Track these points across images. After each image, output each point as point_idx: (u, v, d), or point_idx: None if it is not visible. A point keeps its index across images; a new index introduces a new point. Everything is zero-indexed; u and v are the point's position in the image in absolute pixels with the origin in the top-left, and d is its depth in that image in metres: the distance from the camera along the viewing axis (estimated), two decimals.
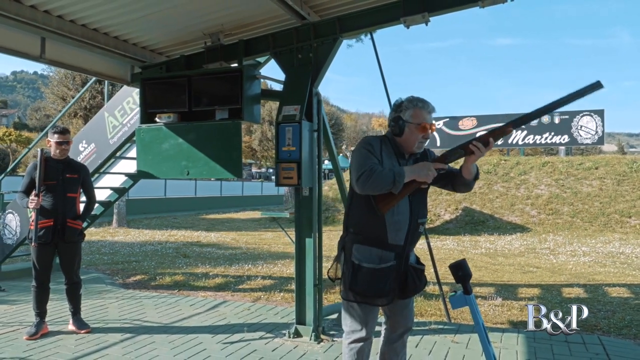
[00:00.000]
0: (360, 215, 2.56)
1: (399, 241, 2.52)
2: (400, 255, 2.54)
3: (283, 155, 3.97)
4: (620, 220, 15.20)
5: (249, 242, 12.33)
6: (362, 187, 2.40)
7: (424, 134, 2.52)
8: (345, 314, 2.67)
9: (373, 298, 2.54)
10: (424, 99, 2.56)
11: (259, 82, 4.31)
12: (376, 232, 2.50)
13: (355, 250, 2.54)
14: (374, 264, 2.49)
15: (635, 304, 6.01)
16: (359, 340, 2.61)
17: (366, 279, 2.49)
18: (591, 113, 20.23)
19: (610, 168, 17.43)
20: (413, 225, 2.54)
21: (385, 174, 2.36)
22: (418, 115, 2.51)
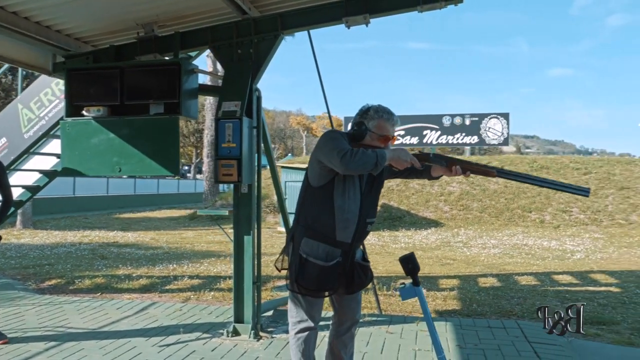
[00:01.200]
0: (312, 210, 2.59)
1: (346, 239, 2.57)
2: (347, 253, 2.60)
3: (223, 151, 3.90)
4: (522, 215, 16.46)
5: (170, 241, 11.94)
6: (347, 166, 2.35)
7: (384, 145, 2.58)
8: (291, 305, 2.71)
9: (317, 292, 2.60)
10: (391, 110, 2.61)
11: (196, 77, 4.20)
12: (326, 228, 2.55)
13: (304, 244, 2.57)
14: (320, 260, 2.54)
15: (542, 290, 6.57)
16: (305, 329, 2.66)
17: (312, 274, 2.54)
18: (498, 116, 21.72)
19: (514, 167, 18.79)
20: (361, 224, 2.60)
21: (369, 155, 2.37)
22: (382, 127, 2.56)
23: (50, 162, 6.00)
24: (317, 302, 2.67)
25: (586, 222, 15.85)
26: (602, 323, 4.96)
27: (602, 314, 5.28)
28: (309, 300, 2.64)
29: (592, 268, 8.52)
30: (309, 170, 2.63)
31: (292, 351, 2.73)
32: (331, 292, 2.64)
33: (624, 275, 7.81)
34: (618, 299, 6.05)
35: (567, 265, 8.81)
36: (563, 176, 18.13)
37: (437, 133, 21.97)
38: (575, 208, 16.53)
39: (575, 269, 8.35)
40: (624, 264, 9.04)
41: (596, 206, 16.50)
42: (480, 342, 4.19)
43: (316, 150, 2.55)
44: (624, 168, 18.48)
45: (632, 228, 15.04)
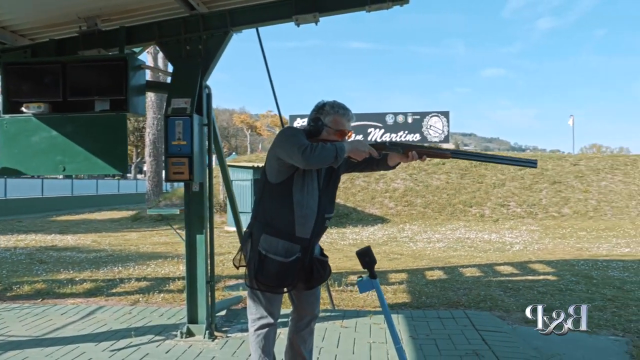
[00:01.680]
0: (270, 206, 2.60)
1: (305, 234, 2.59)
2: (306, 248, 2.62)
3: (173, 149, 3.82)
4: (463, 210, 17.09)
5: (112, 243, 11.53)
6: (308, 160, 2.37)
7: (341, 139, 2.62)
8: (250, 302, 2.71)
9: (277, 288, 2.61)
10: (346, 106, 2.67)
11: (143, 73, 4.08)
12: (285, 224, 2.56)
13: (263, 240, 2.57)
14: (280, 256, 2.55)
15: (485, 281, 6.85)
16: (265, 326, 2.67)
17: (271, 270, 2.55)
18: (439, 114, 22.44)
19: (455, 163, 19.47)
20: (320, 219, 2.63)
21: (329, 149, 2.40)
22: (338, 122, 2.61)
23: None
24: (276, 298, 2.68)
25: (523, 215, 16.65)
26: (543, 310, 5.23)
27: (542, 301, 5.57)
28: (268, 297, 2.65)
29: (530, 258, 8.96)
30: (267, 167, 2.63)
31: (252, 348, 2.73)
32: (290, 288, 2.66)
33: (560, 264, 8.26)
34: (555, 286, 6.40)
35: (507, 257, 9.22)
36: (501, 172, 18.96)
37: (380, 131, 22.43)
38: (513, 202, 17.33)
39: (515, 260, 8.75)
40: (559, 254, 9.58)
41: (531, 200, 17.36)
42: (431, 333, 4.33)
43: (274, 147, 2.55)
44: (556, 163, 19.55)
45: (564, 220, 15.95)
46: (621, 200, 17.32)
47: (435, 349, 3.92)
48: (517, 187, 18.15)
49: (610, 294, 5.92)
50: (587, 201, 17.28)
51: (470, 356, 3.73)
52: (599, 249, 10.33)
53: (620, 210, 16.78)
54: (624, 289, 6.18)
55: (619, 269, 7.73)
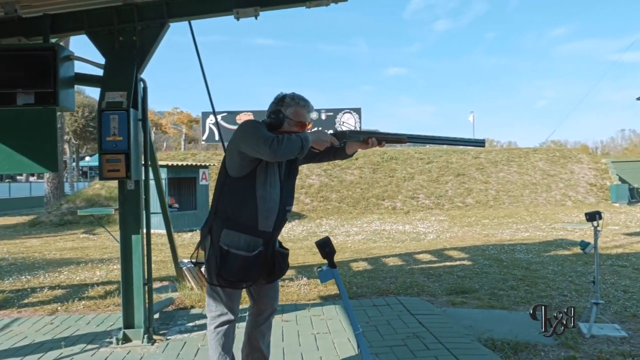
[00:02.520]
0: (232, 201, 2.56)
1: (268, 228, 2.59)
2: (268, 242, 2.62)
3: (107, 145, 3.62)
4: (376, 203, 17.72)
5: (12, 251, 10.59)
6: (275, 153, 2.37)
7: (301, 131, 2.64)
8: (209, 300, 2.68)
9: (240, 283, 2.59)
10: (304, 97, 2.69)
11: (72, 64, 3.81)
12: (247, 218, 2.54)
13: (224, 236, 2.54)
14: (242, 251, 2.53)
15: (408, 269, 7.19)
16: (225, 323, 2.65)
17: (235, 265, 2.52)
18: (351, 111, 23.02)
19: (367, 159, 20.12)
20: (282, 212, 2.65)
21: (294, 140, 2.42)
22: (299, 114, 2.63)
23: None
24: (236, 293, 2.66)
25: (431, 206, 17.60)
26: (465, 292, 5.60)
27: (463, 285, 5.96)
28: (228, 293, 2.62)
29: (445, 246, 9.53)
30: (228, 162, 2.59)
31: (211, 346, 2.68)
32: (252, 282, 2.65)
33: (472, 250, 8.87)
34: (472, 270, 6.88)
35: (423, 245, 9.73)
36: (410, 165, 19.88)
37: None
38: (422, 194, 18.26)
39: (432, 248, 9.26)
40: (469, 241, 10.27)
41: (438, 192, 18.40)
42: (370, 320, 4.49)
43: (236, 141, 2.52)
44: (459, 157, 20.86)
45: (469, 209, 17.09)
46: (517, 190, 18.89)
47: (377, 334, 4.07)
48: (425, 180, 19.15)
49: (520, 274, 6.48)
50: (487, 191, 18.65)
51: (411, 339, 3.92)
52: (503, 235, 11.21)
53: (516, 198, 18.31)
54: (530, 269, 6.80)
55: (523, 251, 8.48)
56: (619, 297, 5.12)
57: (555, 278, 6.17)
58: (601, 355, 3.48)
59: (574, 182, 19.77)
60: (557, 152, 22.84)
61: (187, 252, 9.63)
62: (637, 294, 5.27)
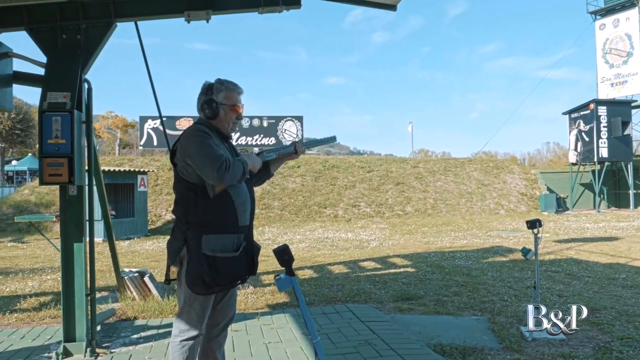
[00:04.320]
0: (206, 206, 2.48)
1: (245, 222, 2.59)
2: (248, 236, 2.62)
3: (49, 148, 3.42)
4: (318, 211, 17.80)
5: None
6: (222, 179, 2.37)
7: (237, 115, 2.62)
8: (182, 312, 2.58)
9: (232, 284, 2.57)
10: (232, 81, 2.63)
11: (10, 62, 3.58)
12: (227, 217, 2.50)
13: (206, 242, 2.44)
14: (229, 252, 2.48)
15: (354, 277, 7.25)
16: (193, 338, 2.58)
17: (224, 267, 2.46)
18: (293, 118, 23.06)
19: (309, 167, 20.21)
20: (252, 203, 2.67)
21: (238, 166, 2.43)
22: (231, 97, 2.58)
23: None
24: (210, 305, 2.59)
25: (372, 214, 17.89)
26: (411, 299, 5.72)
27: (408, 291, 6.08)
28: (204, 306, 2.55)
29: (388, 253, 9.70)
30: (186, 174, 2.49)
31: (174, 359, 2.58)
32: (243, 281, 2.65)
33: (415, 257, 9.09)
34: (416, 277, 7.04)
35: (367, 253, 9.86)
36: (351, 174, 20.14)
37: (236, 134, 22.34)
38: (363, 202, 18.53)
39: (375, 255, 9.40)
40: (411, 248, 10.52)
41: (379, 200, 18.74)
42: (321, 328, 4.48)
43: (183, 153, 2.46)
44: (399, 166, 21.37)
45: (408, 217, 17.51)
46: (453, 199, 19.58)
47: (329, 342, 4.06)
48: (366, 188, 19.46)
49: (462, 280, 6.70)
50: (426, 200, 19.20)
51: (363, 346, 3.95)
52: (443, 242, 11.57)
53: (453, 207, 18.96)
54: (471, 275, 7.05)
55: (463, 258, 8.78)
56: (555, 301, 5.40)
57: (495, 284, 6.42)
58: (544, 357, 3.64)
59: (507, 192, 20.75)
60: (490, 162, 23.91)
61: (126, 260, 9.26)
62: (570, 297, 5.58)
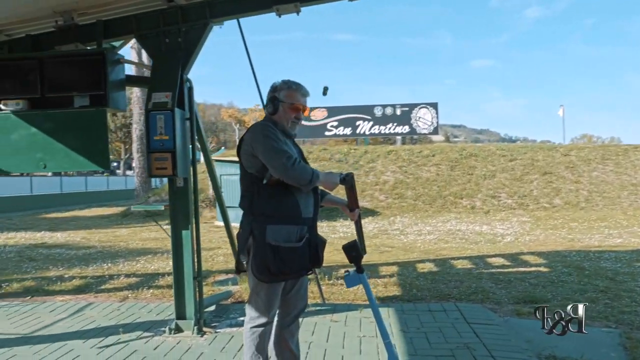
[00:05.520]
0: (270, 198, 2.57)
1: (309, 214, 2.63)
2: (311, 227, 2.65)
3: (155, 144, 3.74)
4: (454, 202, 17.09)
5: (102, 240, 11.42)
6: (286, 172, 2.46)
7: (296, 114, 2.68)
8: (251, 300, 2.70)
9: (296, 274, 2.63)
10: (297, 82, 2.72)
11: (123, 67, 3.99)
12: (291, 208, 2.56)
13: (270, 232, 2.54)
14: (291, 242, 2.55)
15: (477, 273, 6.83)
16: (262, 325, 2.67)
17: (288, 257, 2.53)
18: (427, 106, 22.39)
19: (445, 155, 19.48)
20: (316, 195, 2.69)
21: (308, 171, 2.49)
22: (291, 96, 2.67)
23: None
24: (277, 295, 2.67)
25: (514, 206, 16.68)
26: (534, 301, 5.19)
27: (534, 293, 5.54)
28: (270, 294, 2.63)
29: (521, 250, 8.96)
30: (250, 165, 2.61)
31: (245, 345, 2.71)
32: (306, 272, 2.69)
33: (551, 255, 8.26)
34: (547, 278, 6.38)
35: (498, 248, 9.22)
36: (491, 163, 18.98)
37: (369, 123, 22.38)
38: (503, 194, 17.36)
39: (507, 252, 8.75)
40: (551, 245, 9.59)
41: (522, 191, 17.40)
42: (422, 326, 4.30)
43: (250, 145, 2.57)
44: (546, 154, 19.59)
45: (556, 211, 15.99)
46: (613, 191, 17.40)
47: (426, 342, 3.88)
48: (508, 178, 18.19)
49: (602, 285, 5.90)
50: (578, 192, 17.35)
51: (461, 349, 3.70)
52: (591, 240, 10.36)
53: (612, 200, 16.86)
54: (616, 280, 6.16)
55: (612, 259, 7.73)
56: None
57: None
58: None
59: None
60: None
61: None
62: None
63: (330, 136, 23.38)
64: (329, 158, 19.77)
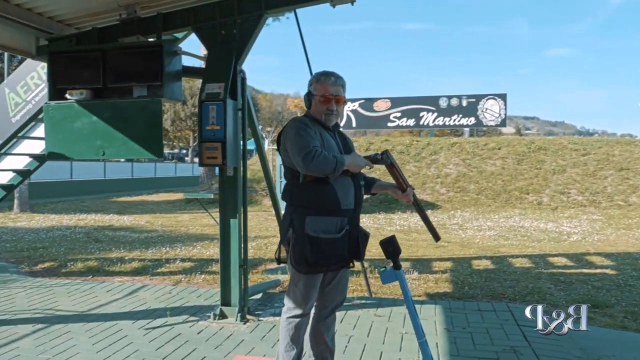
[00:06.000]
0: (309, 189, 2.58)
1: (349, 205, 2.60)
2: (352, 219, 2.62)
3: (207, 134, 3.85)
4: (519, 197, 16.43)
5: (165, 224, 11.94)
6: (306, 167, 2.46)
7: (327, 105, 2.64)
8: (289, 291, 2.73)
9: (334, 265, 2.63)
10: (328, 72, 2.69)
11: (179, 58, 4.12)
12: (329, 200, 2.55)
13: (309, 223, 2.55)
14: (331, 233, 2.55)
15: (535, 273, 6.54)
16: (298, 316, 2.69)
17: (326, 249, 2.54)
18: (495, 97, 21.55)
19: (512, 148, 18.73)
20: (357, 186, 2.65)
21: (330, 160, 2.45)
22: (320, 88, 2.66)
23: (40, 146, 5.94)
24: (315, 287, 2.68)
25: (584, 203, 15.81)
26: (596, 306, 4.91)
27: (596, 297, 5.25)
28: (308, 286, 2.64)
29: (588, 250, 8.49)
30: (286, 160, 2.65)
31: (281, 334, 2.75)
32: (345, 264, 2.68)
33: (621, 257, 7.78)
34: (613, 281, 6.02)
35: (562, 247, 8.79)
36: (561, 157, 18.06)
37: (433, 115, 21.82)
38: (574, 189, 16.49)
39: (571, 251, 8.32)
40: (621, 246, 9.02)
41: (595, 187, 16.44)
42: (468, 325, 4.18)
43: (285, 140, 2.62)
44: (624, 149, 18.37)
45: (632, 209, 15.00)
46: None
47: (470, 343, 3.78)
48: (579, 173, 17.24)
49: None
50: None
51: (507, 353, 3.57)
52: None
53: None
54: None
55: None
56: None
57: None
58: None
59: None
60: None
61: None
62: None
63: (393, 127, 23.04)
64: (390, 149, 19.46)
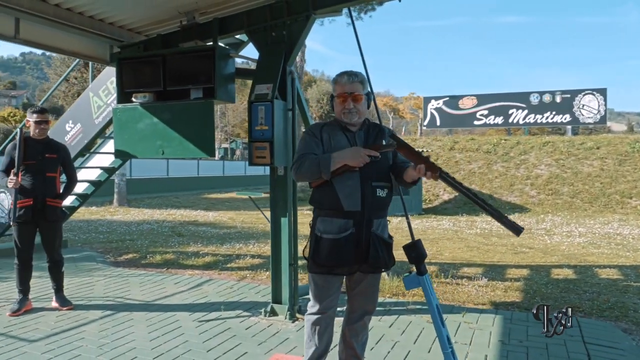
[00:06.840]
0: (317, 190, 2.64)
1: (355, 207, 2.53)
2: (360, 222, 2.54)
3: (256, 134, 3.94)
4: (620, 201, 15.11)
5: (245, 221, 12.38)
6: (295, 177, 2.59)
7: (344, 104, 2.60)
8: (310, 290, 2.76)
9: (333, 267, 2.59)
10: (344, 71, 2.66)
11: (233, 61, 4.26)
12: (332, 201, 2.56)
13: (319, 223, 2.62)
14: (332, 234, 2.55)
15: (622, 286, 5.97)
16: (314, 313, 2.71)
17: (325, 249, 2.55)
18: (593, 92, 19.93)
19: (612, 148, 17.25)
20: (368, 190, 2.54)
21: (313, 164, 2.47)
22: (337, 88, 2.65)
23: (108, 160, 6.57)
24: (329, 286, 2.66)
25: None
26: None
27: None
28: (320, 285, 2.66)
29: None
30: None
31: (305, 329, 2.81)
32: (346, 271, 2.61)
33: None
34: None
35: None
36: None
37: (523, 112, 20.62)
38: None
39: None
40: None
41: None
42: (526, 339, 3.92)
43: None
44: None
45: None
46: None
47: (524, 357, 3.54)
48: None
49: None
50: None
51: None
52: None
53: None
54: None
55: None
56: None
57: None
58: None
59: None
60: None
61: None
62: None
63: (479, 125, 22.10)
64: (477, 149, 18.79)
